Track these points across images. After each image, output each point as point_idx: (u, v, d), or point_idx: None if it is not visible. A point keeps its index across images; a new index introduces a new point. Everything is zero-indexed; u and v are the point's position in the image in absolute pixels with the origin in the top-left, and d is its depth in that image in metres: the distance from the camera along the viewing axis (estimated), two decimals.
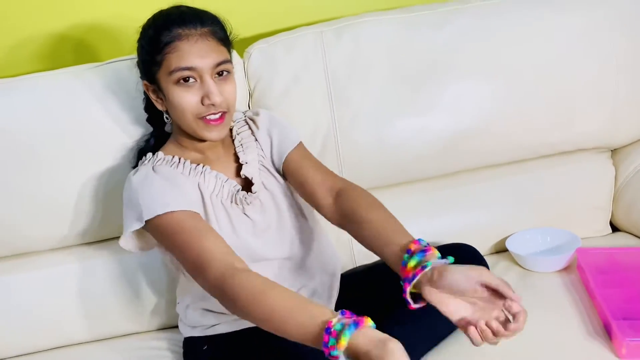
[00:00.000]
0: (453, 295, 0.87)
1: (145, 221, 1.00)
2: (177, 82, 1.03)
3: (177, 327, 1.23)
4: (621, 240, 1.40)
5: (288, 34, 1.33)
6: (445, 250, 0.97)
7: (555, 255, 1.30)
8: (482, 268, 0.88)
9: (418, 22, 1.33)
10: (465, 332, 0.88)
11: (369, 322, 0.80)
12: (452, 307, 0.88)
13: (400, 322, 1.03)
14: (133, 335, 1.34)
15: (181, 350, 1.19)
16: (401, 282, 0.91)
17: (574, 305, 1.15)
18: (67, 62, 1.39)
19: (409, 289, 0.90)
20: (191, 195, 1.06)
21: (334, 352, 0.78)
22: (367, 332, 0.78)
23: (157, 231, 1.01)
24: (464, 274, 0.87)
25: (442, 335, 1.10)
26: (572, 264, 1.28)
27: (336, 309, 1.11)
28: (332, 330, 0.78)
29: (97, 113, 1.23)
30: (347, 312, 0.82)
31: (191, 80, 1.02)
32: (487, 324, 0.87)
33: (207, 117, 1.04)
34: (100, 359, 1.27)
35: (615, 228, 1.46)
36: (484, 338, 0.87)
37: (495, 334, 0.87)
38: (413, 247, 0.92)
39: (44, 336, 1.31)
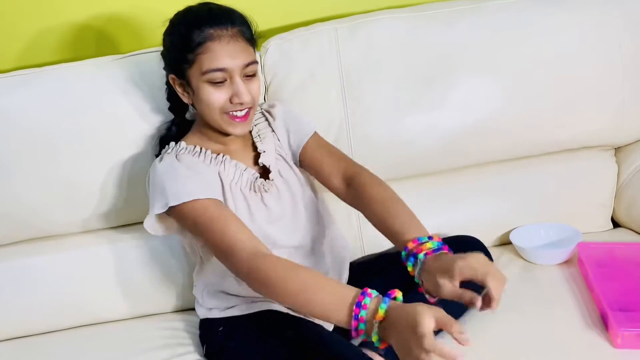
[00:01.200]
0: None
1: (170, 207, 1.03)
2: (208, 80, 1.05)
3: (194, 309, 1.24)
4: (621, 235, 1.41)
5: (303, 30, 1.34)
6: (452, 242, 1.01)
7: (557, 249, 1.31)
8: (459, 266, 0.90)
9: (430, 20, 1.34)
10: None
11: (399, 294, 0.85)
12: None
13: None
14: (151, 316, 1.37)
15: (198, 332, 1.21)
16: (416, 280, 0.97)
17: (573, 297, 1.16)
18: (88, 53, 1.41)
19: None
20: (213, 183, 1.09)
21: (362, 325, 0.82)
22: (396, 304, 0.83)
23: (183, 218, 1.04)
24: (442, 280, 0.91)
25: None
26: (573, 258, 1.29)
27: None
28: (362, 304, 0.83)
29: (120, 102, 1.25)
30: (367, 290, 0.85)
31: (221, 79, 1.05)
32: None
33: (233, 114, 1.07)
34: (119, 339, 1.28)
35: (616, 224, 1.47)
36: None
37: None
38: (411, 245, 0.97)
39: (67, 315, 1.34)
